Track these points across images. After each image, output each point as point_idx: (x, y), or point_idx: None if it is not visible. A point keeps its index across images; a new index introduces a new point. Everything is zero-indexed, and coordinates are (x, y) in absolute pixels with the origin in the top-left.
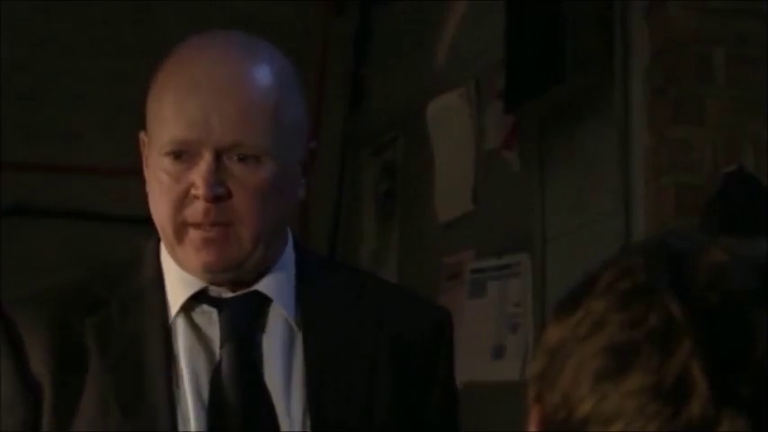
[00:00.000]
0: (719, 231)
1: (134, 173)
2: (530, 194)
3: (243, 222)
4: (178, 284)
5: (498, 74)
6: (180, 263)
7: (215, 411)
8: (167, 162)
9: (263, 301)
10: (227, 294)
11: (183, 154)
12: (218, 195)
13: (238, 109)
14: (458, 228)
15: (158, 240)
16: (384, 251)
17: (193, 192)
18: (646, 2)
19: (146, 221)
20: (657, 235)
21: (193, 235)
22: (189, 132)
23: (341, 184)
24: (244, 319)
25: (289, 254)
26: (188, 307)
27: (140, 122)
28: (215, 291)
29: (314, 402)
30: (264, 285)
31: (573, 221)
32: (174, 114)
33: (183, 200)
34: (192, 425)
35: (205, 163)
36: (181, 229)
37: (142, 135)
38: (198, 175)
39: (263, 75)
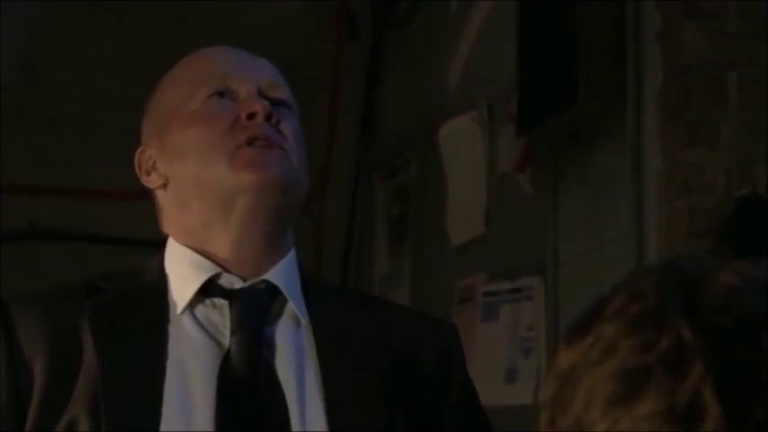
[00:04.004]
0: (732, 254)
1: (147, 197)
2: (542, 218)
3: (292, 150)
4: (190, 274)
5: (511, 97)
6: (228, 199)
7: (224, 400)
8: (210, 102)
9: (274, 294)
10: (239, 285)
11: (225, 92)
12: (273, 112)
13: (269, 65)
14: (470, 251)
15: (162, 253)
16: (396, 274)
17: (246, 111)
18: (659, 25)
19: (159, 245)
20: (668, 258)
21: (248, 152)
22: (233, 70)
23: (353, 207)
24: (254, 310)
25: (292, 258)
26: (199, 300)
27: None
28: (227, 281)
29: (331, 402)
30: (273, 275)
31: (586, 245)
32: (211, 66)
33: (233, 125)
34: (202, 414)
35: (252, 91)
36: (233, 151)
37: (142, 149)
38: (248, 100)
39: None
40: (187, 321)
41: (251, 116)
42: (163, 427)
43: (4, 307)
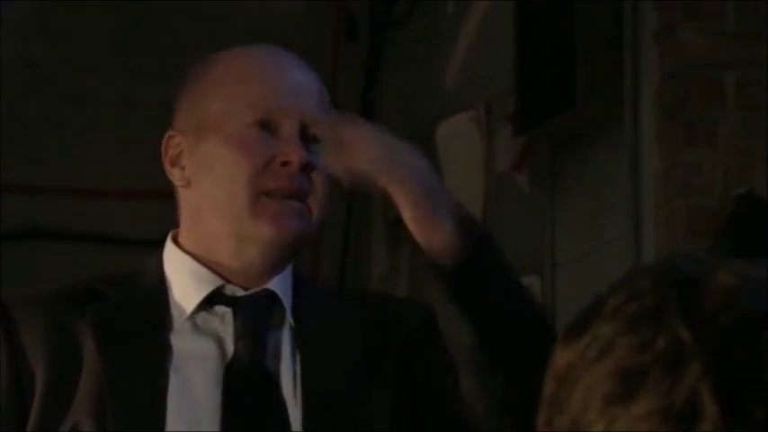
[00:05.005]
0: (730, 254)
1: (146, 196)
2: (540, 218)
3: (316, 197)
4: (192, 285)
5: (509, 97)
6: (241, 237)
7: (230, 406)
8: (249, 131)
9: (274, 300)
10: (241, 293)
11: (267, 124)
12: (309, 162)
13: (316, 89)
14: None
15: (161, 254)
16: (394, 274)
17: (281, 158)
18: (656, 26)
19: (159, 244)
20: (666, 258)
21: (271, 205)
22: (281, 100)
23: (350, 207)
24: (258, 317)
25: (290, 267)
26: (201, 308)
27: (154, 143)
28: (230, 290)
29: (307, 397)
30: (275, 284)
31: (583, 245)
32: (261, 88)
33: (265, 167)
34: (207, 419)
35: (293, 131)
36: (257, 199)
37: (171, 134)
38: (287, 143)
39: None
40: (189, 328)
41: (286, 163)
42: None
43: (4, 310)
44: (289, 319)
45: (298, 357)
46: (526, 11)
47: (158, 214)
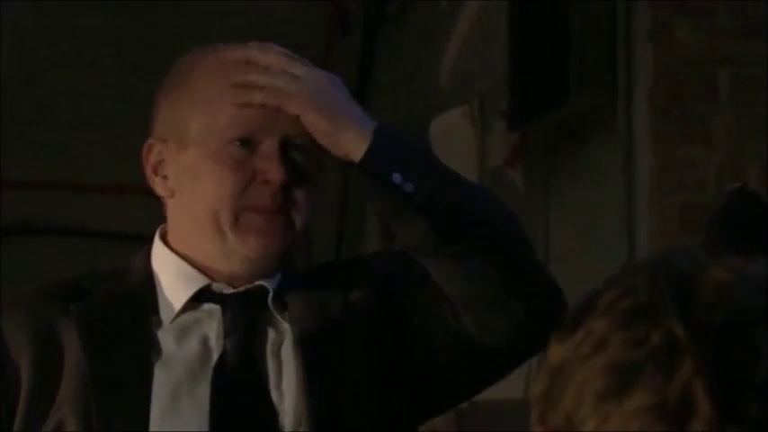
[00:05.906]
0: (723, 250)
1: (143, 192)
2: (534, 213)
3: (298, 210)
4: (179, 283)
5: (503, 93)
6: (226, 251)
7: (220, 403)
8: (231, 149)
9: (264, 296)
10: (229, 290)
11: (248, 141)
12: (289, 180)
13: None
14: None
15: (148, 250)
16: None
17: (261, 177)
18: (651, 22)
19: (150, 239)
20: (660, 253)
21: (254, 221)
22: (260, 117)
23: (344, 203)
24: (247, 314)
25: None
26: (189, 306)
27: (147, 133)
28: (217, 287)
29: (312, 405)
30: (266, 282)
31: (577, 241)
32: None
33: (247, 185)
34: (194, 416)
35: (273, 148)
36: (239, 215)
37: (152, 143)
38: (268, 161)
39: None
40: (176, 326)
41: (267, 181)
42: (152, 428)
43: None
44: (271, 309)
45: (290, 352)
46: (520, 7)
47: (154, 210)
